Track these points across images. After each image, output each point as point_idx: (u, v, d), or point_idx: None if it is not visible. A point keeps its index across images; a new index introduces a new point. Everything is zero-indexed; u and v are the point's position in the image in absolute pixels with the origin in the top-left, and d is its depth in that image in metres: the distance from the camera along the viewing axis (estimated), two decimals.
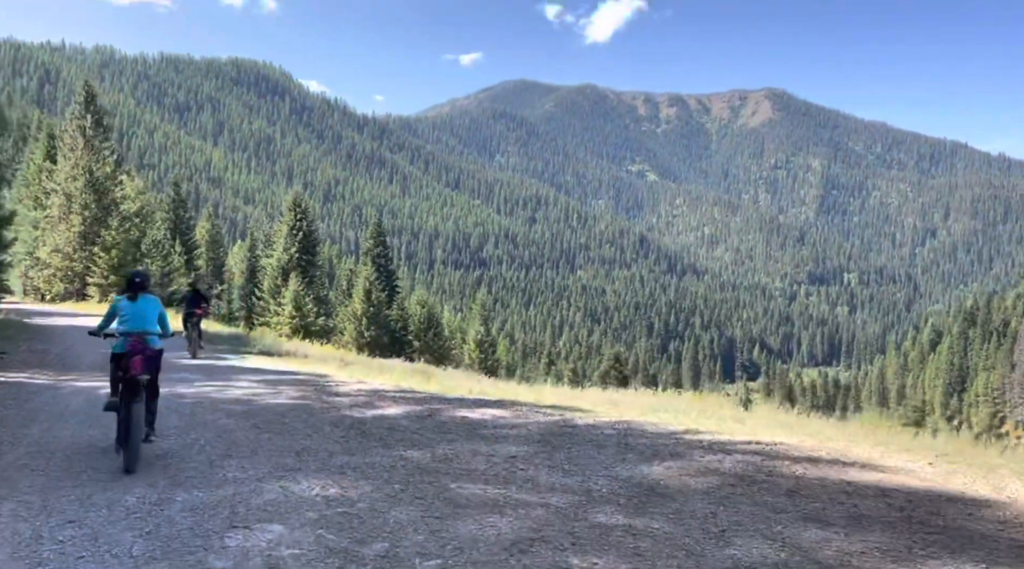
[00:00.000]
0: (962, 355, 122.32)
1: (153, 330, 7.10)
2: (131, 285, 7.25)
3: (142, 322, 7.02)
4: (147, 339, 6.97)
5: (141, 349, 6.80)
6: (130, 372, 6.63)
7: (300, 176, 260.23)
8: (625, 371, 49.86)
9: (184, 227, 40.32)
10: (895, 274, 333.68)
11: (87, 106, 29.94)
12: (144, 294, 7.24)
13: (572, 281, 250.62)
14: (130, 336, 6.90)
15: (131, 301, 7.13)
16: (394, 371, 17.79)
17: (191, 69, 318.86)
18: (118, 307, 7.19)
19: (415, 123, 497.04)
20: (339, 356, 21.04)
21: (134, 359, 6.68)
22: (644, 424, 9.25)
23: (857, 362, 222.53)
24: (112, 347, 7.05)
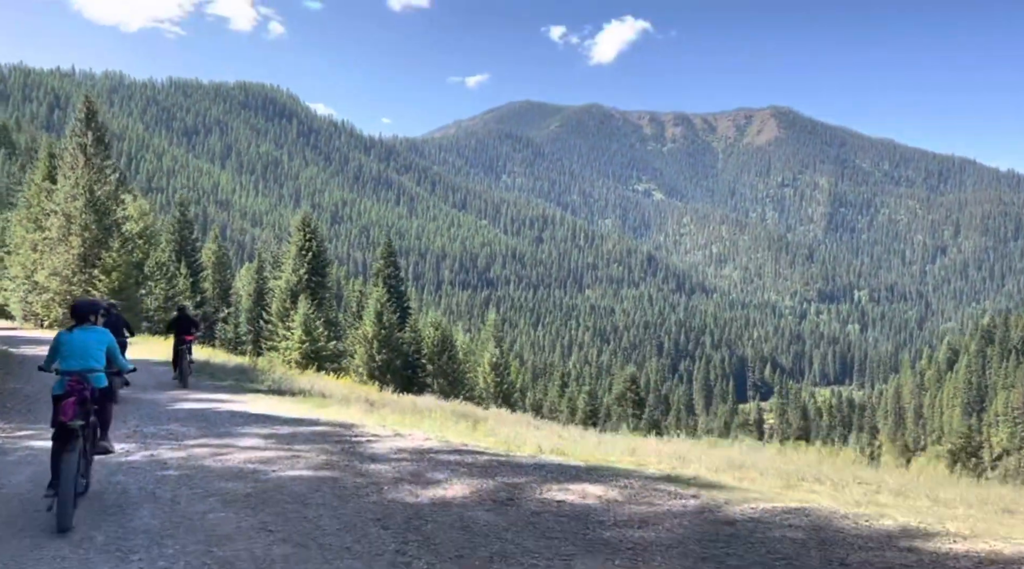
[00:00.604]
0: (980, 374, 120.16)
1: (95, 366, 6.35)
2: (72, 314, 6.58)
3: (81, 358, 6.28)
4: (87, 377, 6.22)
5: (78, 390, 6.00)
6: (59, 417, 5.85)
7: (308, 198, 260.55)
8: (640, 393, 48.52)
9: (190, 249, 39.25)
10: (906, 292, 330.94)
11: (88, 123, 28.78)
12: (88, 325, 6.52)
13: (580, 301, 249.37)
14: (68, 375, 6.15)
15: (69, 333, 6.40)
16: (432, 415, 14.84)
17: (199, 93, 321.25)
18: (58, 341, 6.43)
19: (421, 144, 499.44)
20: (363, 395, 18.18)
21: (65, 402, 5.89)
22: (831, 515, 6.43)
23: (870, 381, 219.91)
24: (52, 390, 6.22)
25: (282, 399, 14.48)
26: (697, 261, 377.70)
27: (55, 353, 6.47)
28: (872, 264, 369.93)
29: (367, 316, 33.48)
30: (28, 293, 29.32)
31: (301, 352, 28.49)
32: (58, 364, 6.35)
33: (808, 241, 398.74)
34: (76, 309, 6.59)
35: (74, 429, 5.84)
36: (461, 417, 15.87)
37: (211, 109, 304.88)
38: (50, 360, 6.55)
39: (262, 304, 37.46)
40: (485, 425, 14.11)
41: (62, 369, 6.24)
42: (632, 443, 13.77)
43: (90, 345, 6.39)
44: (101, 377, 6.49)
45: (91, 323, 6.62)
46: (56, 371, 6.35)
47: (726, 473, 9.20)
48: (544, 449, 10.32)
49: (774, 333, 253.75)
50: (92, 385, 6.25)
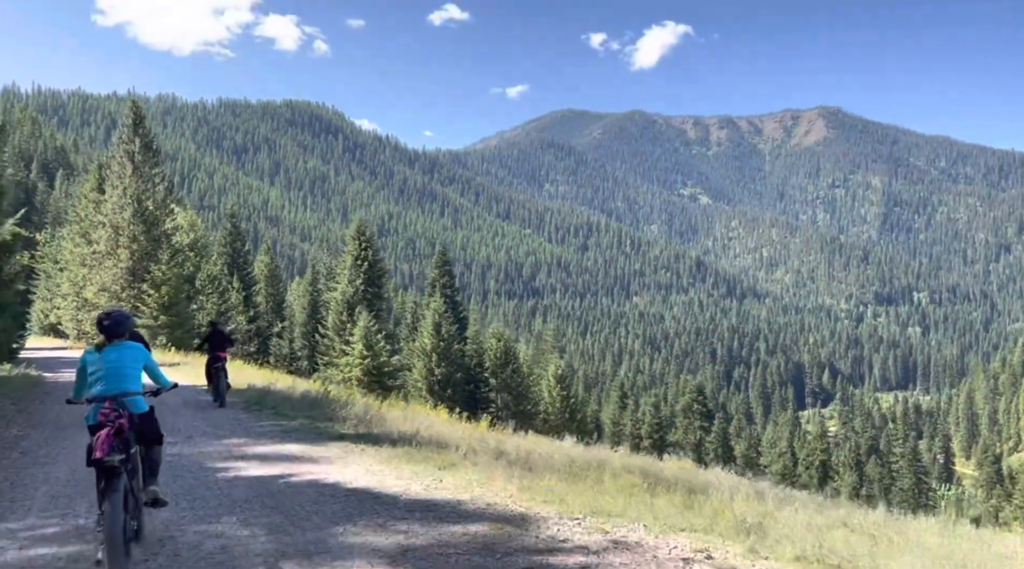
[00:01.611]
0: None
1: (131, 389, 5.31)
2: (100, 329, 5.43)
3: (116, 379, 5.26)
4: (124, 402, 5.21)
5: (113, 418, 4.99)
6: (92, 455, 4.79)
7: (354, 212, 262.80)
8: (708, 404, 46.16)
9: (242, 262, 38.17)
10: (969, 292, 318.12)
11: (135, 129, 27.61)
12: (119, 340, 5.42)
13: (628, 308, 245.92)
14: (99, 401, 5.14)
15: (99, 352, 5.34)
16: (611, 477, 9.31)
17: (248, 112, 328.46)
18: (85, 361, 5.39)
19: (464, 156, 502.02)
20: (485, 441, 12.06)
21: (98, 436, 4.85)
22: None
23: (935, 386, 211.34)
24: (85, 419, 5.22)
25: (380, 453, 9.45)
26: (747, 265, 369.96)
27: (83, 377, 5.43)
28: (931, 264, 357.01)
29: (424, 328, 31.89)
30: (78, 311, 28.20)
31: (362, 368, 27.00)
32: (88, 390, 5.32)
33: (862, 242, 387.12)
34: (103, 321, 5.44)
35: (112, 466, 4.81)
36: (655, 483, 10.05)
37: (259, 127, 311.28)
38: (80, 387, 5.49)
39: (316, 318, 36.32)
40: (717, 503, 7.89)
41: (93, 394, 5.22)
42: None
43: (124, 363, 5.35)
44: (140, 401, 5.43)
45: (123, 338, 5.50)
46: (87, 399, 5.28)
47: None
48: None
49: (830, 338, 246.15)
50: (129, 411, 5.21)
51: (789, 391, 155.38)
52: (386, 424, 12.25)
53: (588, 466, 11.03)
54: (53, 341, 35.85)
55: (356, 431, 11.22)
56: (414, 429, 11.78)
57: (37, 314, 41.96)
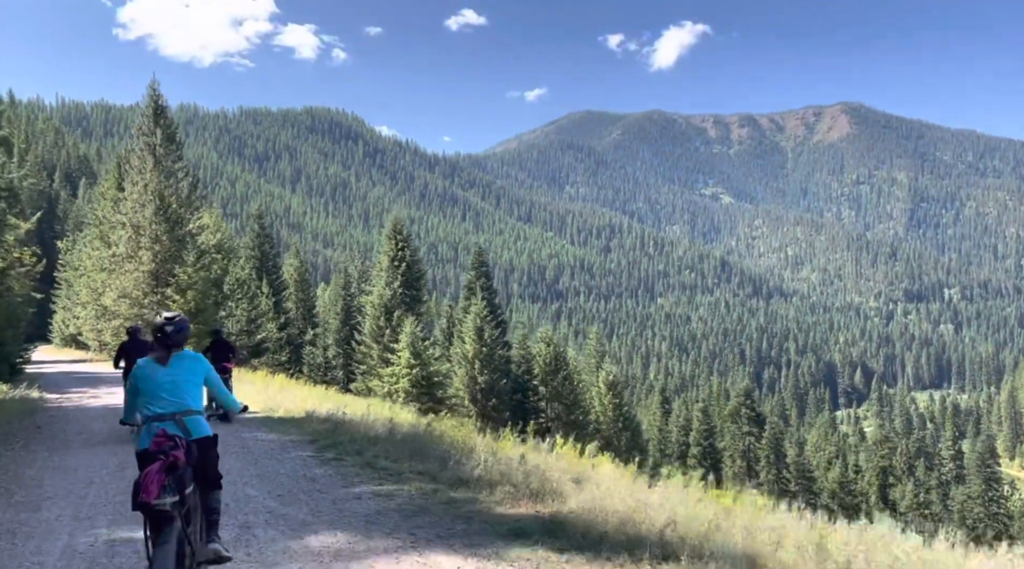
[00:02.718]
0: None
1: (192, 407, 4.47)
2: (156, 337, 4.52)
3: (175, 395, 4.43)
4: (184, 421, 4.39)
5: (168, 449, 4.08)
6: (139, 498, 3.89)
7: (376, 217, 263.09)
8: (757, 408, 43.87)
9: (271, 265, 36.13)
10: (1001, 288, 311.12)
11: (155, 119, 25.36)
12: (179, 351, 4.55)
13: (654, 309, 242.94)
14: (157, 422, 4.33)
15: (157, 363, 4.48)
16: None
17: (268, 120, 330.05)
18: (139, 375, 4.50)
19: (484, 160, 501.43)
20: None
21: (147, 473, 3.93)
22: None
23: (971, 383, 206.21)
24: (135, 444, 4.42)
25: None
26: (772, 264, 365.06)
27: (134, 391, 4.50)
28: (961, 260, 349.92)
29: (466, 333, 29.78)
30: (97, 319, 26.14)
31: (411, 379, 24.75)
32: (140, 409, 4.41)
33: (889, 239, 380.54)
34: (164, 328, 4.47)
35: (163, 511, 3.92)
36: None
37: (280, 135, 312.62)
38: (132, 405, 4.55)
39: (351, 324, 34.43)
40: None
41: (147, 414, 4.35)
42: None
43: (185, 377, 4.49)
44: (201, 422, 4.49)
45: (179, 346, 4.55)
46: (138, 422, 4.37)
47: None
48: None
49: (861, 336, 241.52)
50: (188, 437, 4.32)
51: (825, 392, 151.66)
52: (557, 489, 7.25)
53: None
54: (73, 352, 34.19)
55: (527, 511, 6.54)
56: (624, 505, 6.65)
57: (58, 324, 40.63)
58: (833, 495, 39.11)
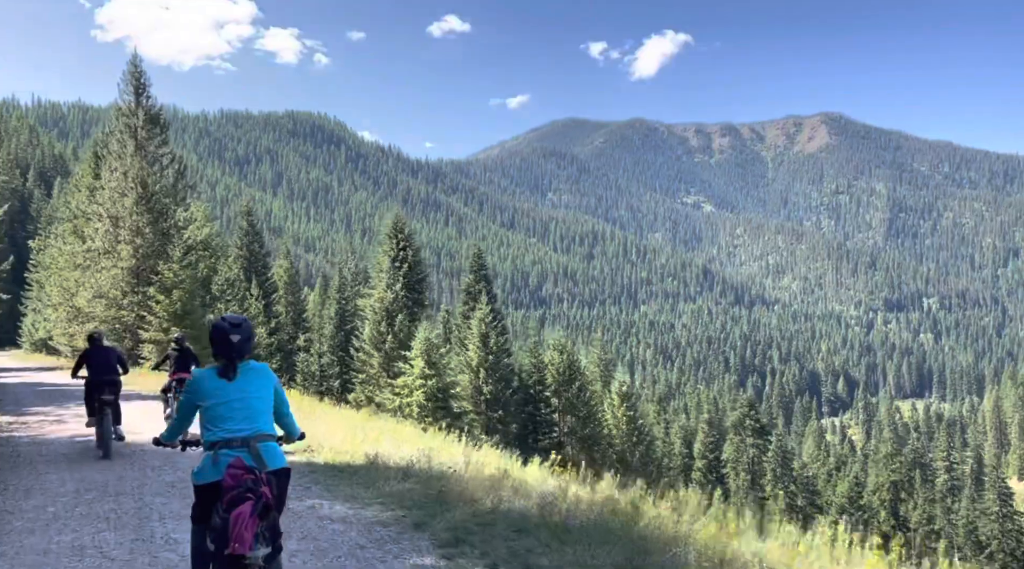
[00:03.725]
0: None
1: (267, 430, 3.77)
2: (220, 345, 3.76)
3: (248, 416, 3.72)
4: (259, 449, 3.65)
5: (252, 484, 3.39)
6: (230, 548, 3.23)
7: (358, 222, 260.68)
8: (761, 419, 42.49)
9: (260, 266, 33.83)
10: (979, 298, 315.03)
11: (137, 97, 22.79)
12: (246, 362, 3.85)
13: (637, 317, 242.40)
14: (225, 449, 3.61)
15: (223, 378, 3.74)
16: None
17: (249, 123, 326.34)
18: (200, 390, 3.77)
19: (467, 166, 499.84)
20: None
21: (238, 514, 3.24)
22: None
23: (952, 392, 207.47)
24: (194, 475, 3.69)
25: None
26: (754, 273, 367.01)
27: (190, 410, 3.85)
28: (939, 270, 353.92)
29: (470, 339, 27.73)
30: (69, 322, 23.15)
31: (425, 392, 22.53)
32: (203, 432, 3.73)
33: (869, 248, 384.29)
34: (228, 335, 3.72)
35: (255, 566, 3.30)
36: None
37: (261, 138, 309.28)
38: (182, 422, 3.93)
39: (345, 329, 32.34)
40: None
41: (216, 438, 3.63)
42: None
43: (254, 393, 3.78)
44: (276, 449, 3.75)
45: (243, 356, 3.81)
46: (208, 444, 3.69)
47: None
48: None
49: (843, 345, 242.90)
50: (264, 467, 3.57)
51: (811, 401, 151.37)
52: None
53: None
54: (43, 359, 31.26)
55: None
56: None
57: (27, 328, 37.89)
58: (843, 510, 37.74)
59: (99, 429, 9.68)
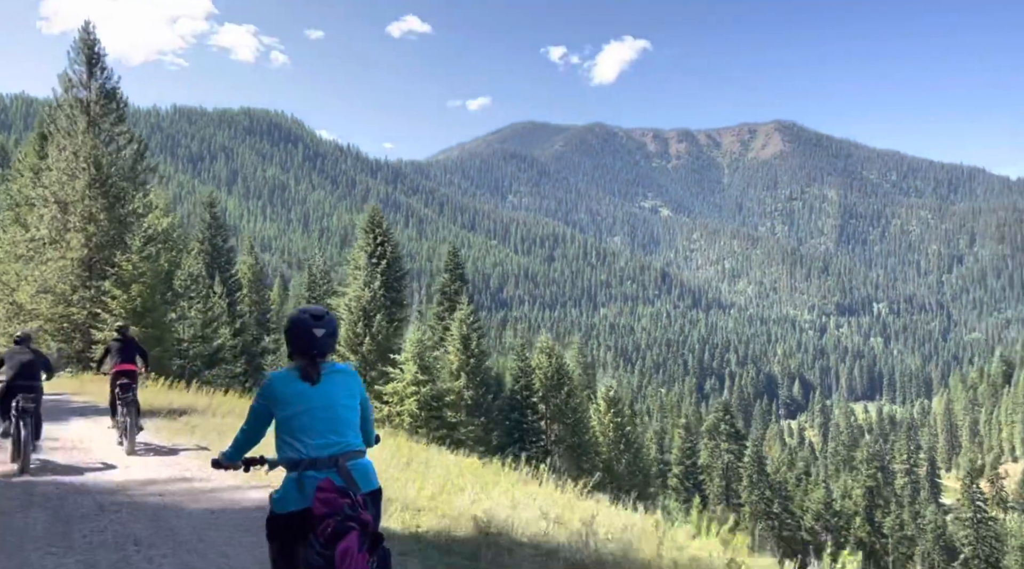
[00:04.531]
0: None
1: (356, 445, 3.23)
2: (300, 341, 3.25)
3: (335, 427, 3.20)
4: (347, 468, 3.12)
5: (351, 509, 2.89)
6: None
7: (316, 222, 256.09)
8: (735, 424, 41.97)
9: (224, 262, 31.78)
10: (925, 303, 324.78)
11: (90, 68, 20.30)
12: (329, 362, 3.32)
13: (598, 319, 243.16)
14: (311, 470, 3.08)
15: (305, 381, 3.21)
16: None
17: (204, 120, 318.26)
18: (276, 395, 3.21)
19: (426, 167, 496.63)
20: None
21: (344, 553, 2.77)
22: None
23: (902, 395, 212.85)
24: (274, 502, 3.12)
25: None
26: (710, 277, 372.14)
27: (264, 420, 3.28)
28: (888, 276, 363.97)
29: (449, 342, 26.09)
30: (9, 320, 20.34)
31: (419, 400, 20.78)
32: (284, 451, 3.18)
33: (821, 254, 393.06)
34: (317, 332, 3.25)
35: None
36: None
37: (216, 135, 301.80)
38: (254, 435, 3.34)
39: None
40: None
41: (301, 455, 3.10)
42: None
43: (340, 399, 3.25)
44: (369, 467, 3.24)
45: (322, 356, 3.30)
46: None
47: None
48: None
49: (797, 348, 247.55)
50: (357, 491, 3.04)
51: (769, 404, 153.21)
52: None
53: None
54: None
55: None
56: None
57: None
58: (818, 517, 37.32)
59: (15, 442, 8.24)
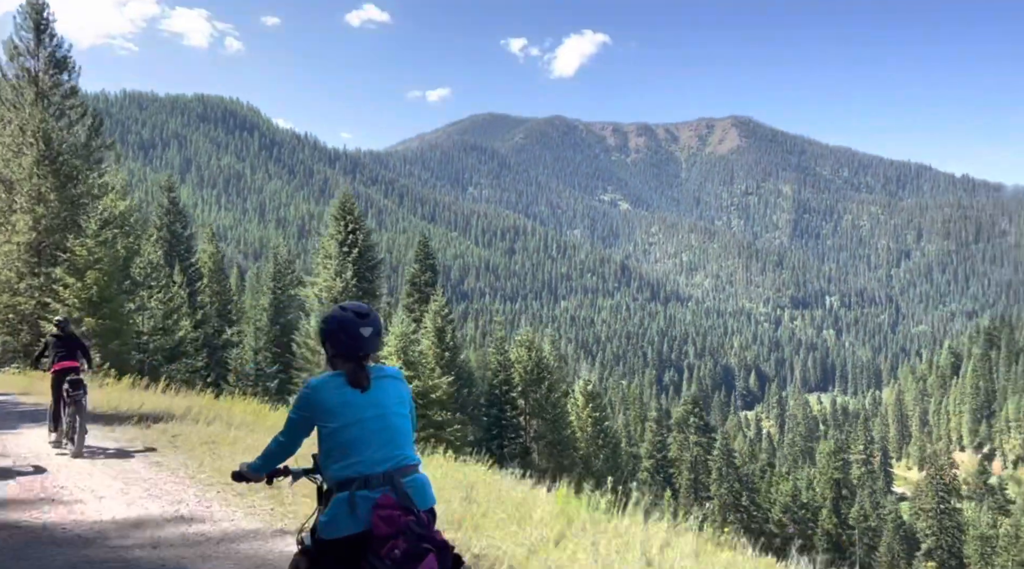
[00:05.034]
0: (987, 378, 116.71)
1: (413, 459, 2.90)
2: (346, 342, 2.91)
3: (392, 441, 2.86)
4: (402, 485, 2.77)
5: (413, 527, 2.56)
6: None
7: (273, 212, 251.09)
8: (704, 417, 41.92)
9: (183, 250, 30.07)
10: (875, 296, 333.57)
11: (38, 35, 18.69)
12: (376, 365, 2.99)
13: (558, 312, 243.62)
14: (364, 490, 2.72)
15: (355, 388, 2.86)
16: None
17: (155, 106, 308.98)
18: (321, 404, 2.85)
19: (386, 157, 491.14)
20: None
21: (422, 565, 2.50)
22: None
23: (853, 386, 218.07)
24: (321, 527, 2.78)
25: None
26: (668, 270, 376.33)
27: (303, 431, 2.95)
28: (840, 269, 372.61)
29: (423, 335, 25.03)
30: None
31: None
32: (331, 465, 2.82)
33: (775, 248, 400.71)
34: (363, 328, 2.91)
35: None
36: None
37: (168, 122, 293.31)
38: (289, 447, 3.02)
39: (281, 322, 28.96)
40: None
41: (353, 472, 2.74)
42: None
43: (391, 406, 2.92)
44: (426, 484, 2.88)
45: (367, 358, 2.95)
46: (339, 481, 2.80)
47: None
48: None
49: (754, 340, 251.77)
50: (421, 509, 2.72)
51: (727, 395, 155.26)
52: None
53: None
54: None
55: None
56: None
57: None
58: (786, 509, 37.45)
59: None
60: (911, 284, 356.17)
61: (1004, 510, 52.02)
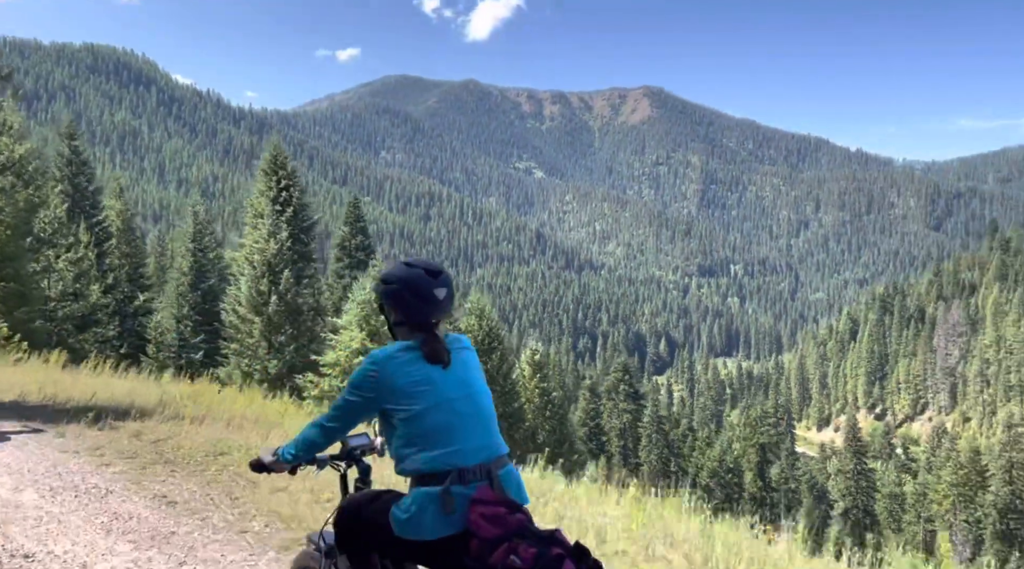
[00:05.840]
0: (881, 343, 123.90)
1: (504, 448, 2.50)
2: (419, 306, 2.45)
3: (484, 427, 2.45)
4: (499, 478, 2.40)
5: (528, 526, 2.17)
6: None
7: (173, 172, 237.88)
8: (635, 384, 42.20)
9: (88, 205, 26.88)
10: (776, 265, 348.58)
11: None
12: (452, 334, 2.60)
13: (475, 279, 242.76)
14: (459, 485, 2.32)
15: (435, 363, 2.41)
16: None
17: (39, 54, 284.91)
18: (392, 383, 2.37)
19: (293, 118, 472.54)
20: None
21: None
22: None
23: (756, 352, 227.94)
24: (398, 523, 2.34)
25: None
26: (582, 238, 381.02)
27: (358, 414, 2.49)
28: (744, 239, 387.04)
29: (351, 311, 21.90)
30: None
31: None
32: (408, 459, 2.39)
33: (684, 217, 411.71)
34: (437, 291, 2.47)
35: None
36: None
37: (54, 73, 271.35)
38: (337, 433, 2.55)
39: (201, 287, 26.34)
40: None
41: (446, 463, 2.33)
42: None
43: (481, 387, 2.54)
44: (519, 477, 2.51)
45: (438, 325, 2.53)
46: (420, 475, 2.37)
47: None
48: None
49: (663, 308, 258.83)
50: (519, 508, 2.30)
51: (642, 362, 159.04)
52: None
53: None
54: None
55: None
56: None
57: None
58: (714, 474, 38.25)
59: None
60: (809, 253, 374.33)
61: (907, 469, 55.45)
